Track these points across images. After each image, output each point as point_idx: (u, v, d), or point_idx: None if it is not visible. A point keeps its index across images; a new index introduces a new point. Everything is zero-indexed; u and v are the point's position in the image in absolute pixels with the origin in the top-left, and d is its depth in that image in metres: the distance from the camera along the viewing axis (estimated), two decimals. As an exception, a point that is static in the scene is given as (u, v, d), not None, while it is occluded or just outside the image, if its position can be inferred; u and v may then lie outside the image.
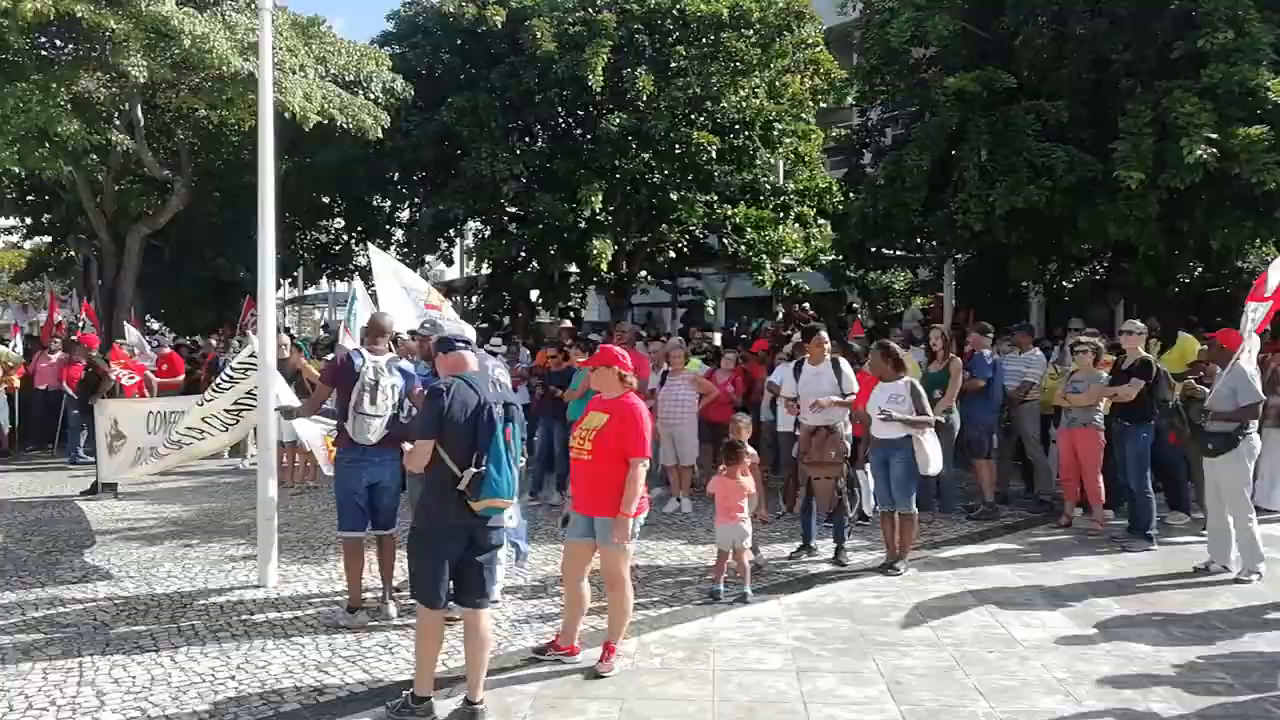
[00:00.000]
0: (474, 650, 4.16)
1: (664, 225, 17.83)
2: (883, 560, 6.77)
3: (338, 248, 23.07)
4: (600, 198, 15.95)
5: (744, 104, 16.92)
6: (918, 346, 10.64)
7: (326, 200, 21.10)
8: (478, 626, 4.16)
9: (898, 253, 16.25)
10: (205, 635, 5.34)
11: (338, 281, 25.97)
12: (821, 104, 18.93)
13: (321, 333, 23.31)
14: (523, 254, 18.81)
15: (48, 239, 21.98)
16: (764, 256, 17.00)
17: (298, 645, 5.17)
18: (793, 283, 18.38)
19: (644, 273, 20.52)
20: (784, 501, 8.63)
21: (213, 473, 11.19)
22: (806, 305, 17.52)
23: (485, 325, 19.69)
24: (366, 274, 22.13)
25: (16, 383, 12.33)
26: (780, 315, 18.25)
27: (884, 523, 6.85)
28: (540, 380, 9.84)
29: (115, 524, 8.46)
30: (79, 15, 11.45)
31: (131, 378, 10.85)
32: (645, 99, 16.33)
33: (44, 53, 13.55)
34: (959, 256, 14.89)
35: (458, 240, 23.71)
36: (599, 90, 15.97)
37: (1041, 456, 9.31)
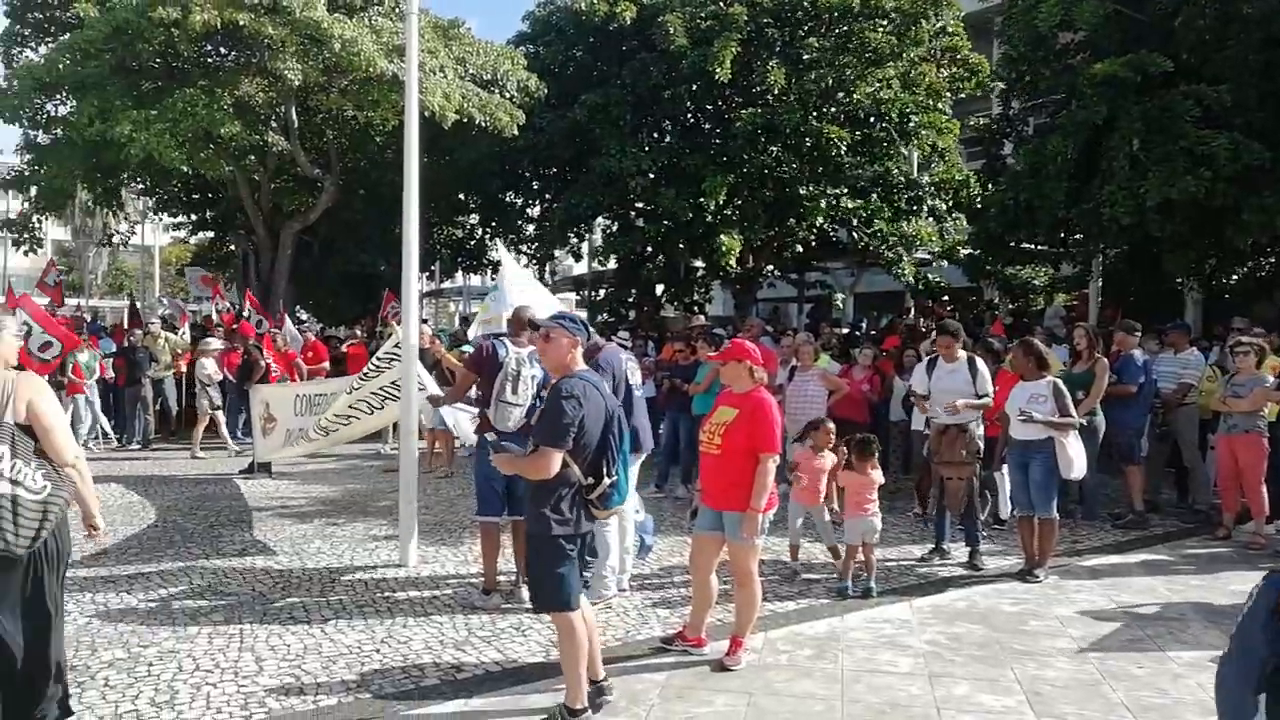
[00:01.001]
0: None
1: (791, 219, 17.62)
2: (1020, 566, 6.53)
3: (472, 243, 23.82)
4: (726, 192, 15.91)
5: (877, 95, 16.54)
6: (1060, 345, 10.19)
7: (462, 197, 21.80)
8: (585, 616, 4.14)
9: (1039, 247, 15.55)
10: (352, 609, 5.64)
11: (473, 275, 26.81)
12: (961, 94, 18.27)
13: (457, 324, 24.12)
14: (649, 249, 18.96)
15: (210, 234, 23.60)
16: (899, 250, 16.57)
17: (436, 624, 5.39)
18: (928, 277, 17.85)
19: (770, 267, 20.35)
20: (917, 502, 8.44)
21: (356, 456, 11.79)
22: (945, 300, 16.99)
23: (612, 319, 19.97)
24: (498, 267, 22.78)
25: (184, 368, 13.29)
26: (912, 311, 17.78)
27: (1022, 527, 6.59)
28: (667, 374, 9.91)
29: (269, 501, 9.02)
30: (241, 24, 12.25)
31: (275, 369, 11.53)
32: (775, 92, 16.17)
33: (209, 60, 14.56)
34: (1107, 251, 14.13)
35: (586, 235, 24.11)
36: (726, 84, 15.91)
37: (1199, 463, 8.75)
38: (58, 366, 10.43)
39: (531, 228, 23.08)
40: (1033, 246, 15.51)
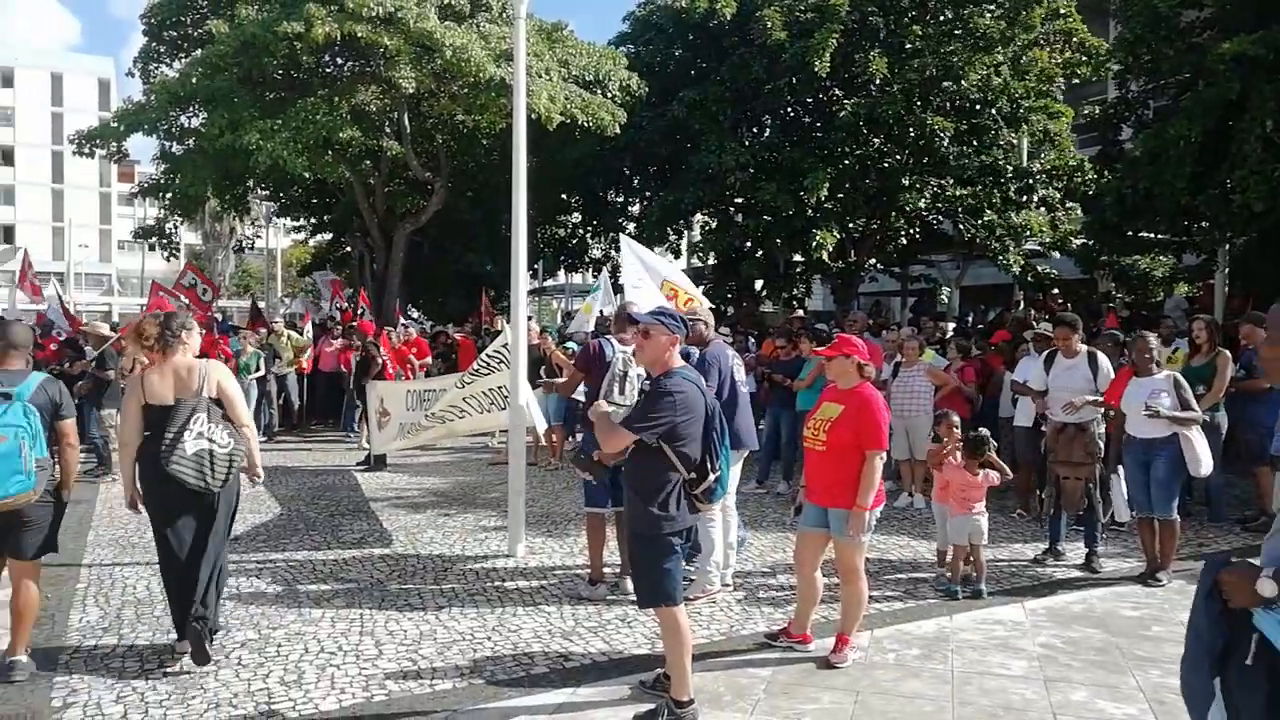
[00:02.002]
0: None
1: (894, 212, 17.30)
2: (1141, 570, 6.28)
3: (574, 241, 24.20)
4: (827, 185, 15.74)
5: (985, 82, 16.06)
6: (1181, 339, 9.71)
7: (565, 196, 22.18)
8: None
9: (1158, 235, 14.83)
10: (464, 597, 5.85)
11: (574, 273, 27.21)
12: (1075, 78, 17.56)
13: (559, 321, 24.56)
14: (748, 244, 18.91)
15: (328, 236, 24.66)
16: (1007, 241, 16.06)
17: (545, 613, 5.55)
18: (1038, 269, 17.24)
19: (872, 260, 20.02)
20: (1024, 501, 8.20)
21: (465, 449, 12.16)
22: (1056, 293, 16.38)
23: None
24: (598, 265, 23.06)
25: (305, 365, 13.95)
26: (1022, 304, 17.20)
27: (1142, 529, 6.34)
28: (768, 370, 9.89)
29: (385, 492, 9.41)
30: (359, 35, 12.80)
31: (392, 367, 11.97)
32: (877, 82, 15.90)
33: (328, 71, 15.26)
34: (1234, 239, 13.37)
35: (685, 232, 24.19)
36: (827, 76, 15.72)
37: (1341, 466, 8.22)
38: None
39: (632, 225, 23.30)
40: (1152, 235, 14.81)
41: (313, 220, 23.19)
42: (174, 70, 17.03)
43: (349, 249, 22.69)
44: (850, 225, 17.19)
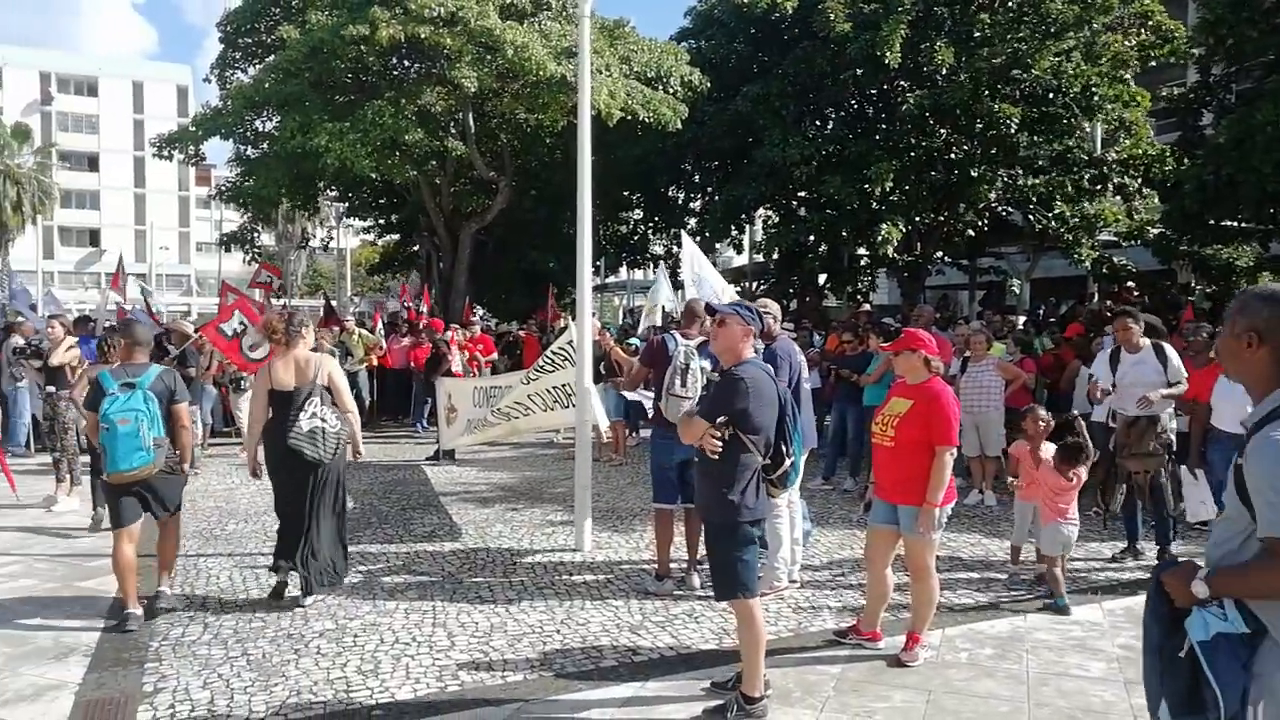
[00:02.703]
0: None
1: (961, 203, 16.95)
2: (1225, 571, 6.05)
3: (635, 238, 24.25)
4: (892, 177, 15.50)
5: (1056, 68, 15.63)
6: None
7: (626, 193, 22.24)
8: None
9: (1242, 224, 14.27)
10: (533, 591, 5.93)
11: (636, 270, 27.28)
12: (1152, 62, 16.97)
13: (621, 318, 24.67)
14: (812, 238, 18.73)
15: (395, 237, 25.15)
16: (1079, 232, 15.62)
17: (612, 607, 5.59)
18: (1113, 260, 16.72)
19: (939, 253, 19.65)
20: (1100, 499, 7.98)
21: (532, 444, 12.30)
22: (1131, 285, 15.88)
23: (773, 310, 19.76)
24: (659, 261, 23.07)
25: (375, 362, 14.26)
26: (1096, 295, 16.72)
27: (1226, 529, 6.10)
28: (834, 365, 9.80)
29: (454, 486, 9.58)
30: (423, 37, 13.03)
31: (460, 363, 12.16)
32: (944, 72, 15.60)
33: (394, 73, 15.55)
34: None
35: (747, 227, 24.06)
36: (894, 67, 15.48)
37: None
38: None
39: (694, 221, 23.25)
40: (1235, 224, 14.26)
41: (381, 221, 23.66)
42: (248, 76, 17.56)
43: (416, 248, 23.10)
44: (916, 218, 16.90)
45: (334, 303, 18.62)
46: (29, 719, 4.05)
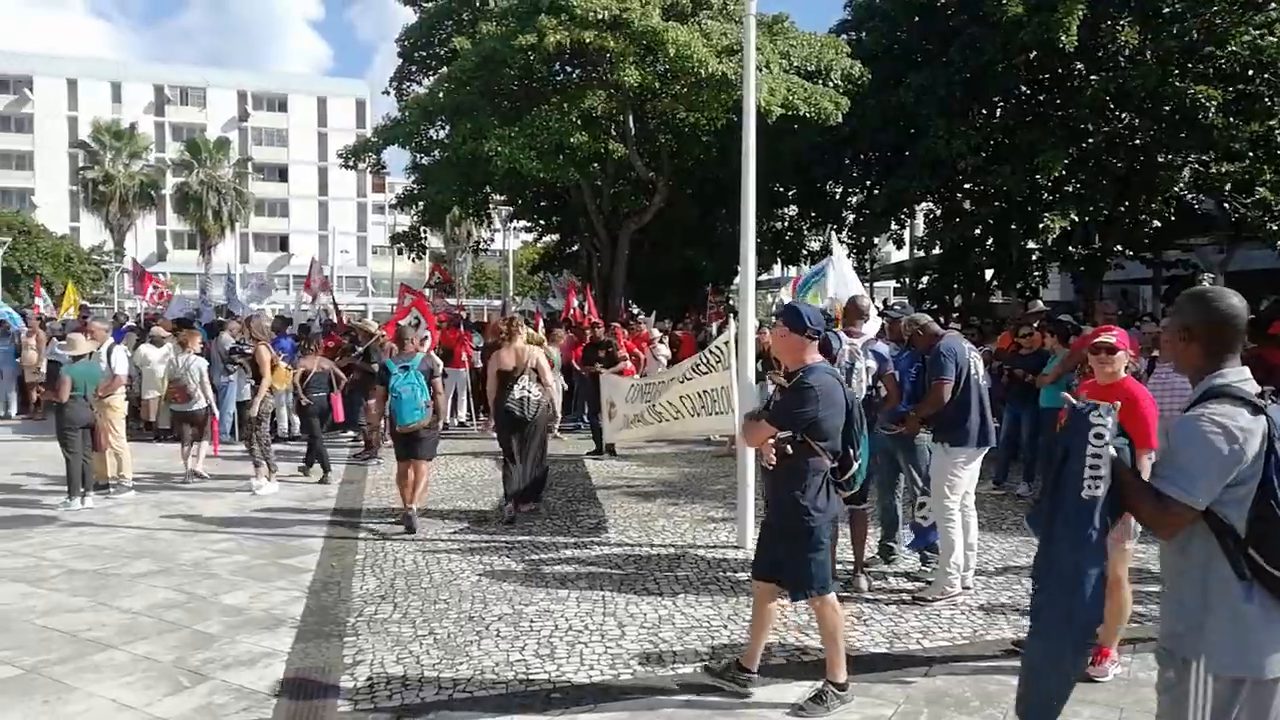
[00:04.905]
0: (764, 622, 4.38)
1: (1144, 193, 15.86)
2: None
3: (790, 234, 24.01)
4: (1067, 166, 14.69)
5: (1255, 44, 14.37)
6: None
7: (781, 189, 22.05)
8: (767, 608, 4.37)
9: None
10: (698, 585, 6.01)
11: (790, 267, 27.00)
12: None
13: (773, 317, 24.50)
14: (978, 232, 18.00)
15: (555, 237, 25.93)
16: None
17: (778, 606, 5.58)
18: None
19: (1119, 246, 18.46)
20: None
21: (690, 441, 12.39)
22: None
23: (935, 307, 19.20)
24: (817, 257, 22.75)
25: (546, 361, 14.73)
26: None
27: None
28: (1007, 365, 9.39)
29: (615, 481, 9.80)
30: (587, 41, 13.38)
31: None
32: (1127, 53, 14.64)
33: (559, 78, 16.03)
34: None
35: (908, 221, 23.37)
36: (1071, 50, 14.66)
37: None
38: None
39: (851, 216, 22.80)
40: None
41: (542, 222, 24.44)
42: (424, 87, 18.55)
43: (575, 248, 23.72)
44: (1094, 208, 15.94)
45: (497, 303, 19.31)
46: (249, 682, 4.46)
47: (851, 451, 4.12)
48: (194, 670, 4.59)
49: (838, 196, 22.79)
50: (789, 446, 4.03)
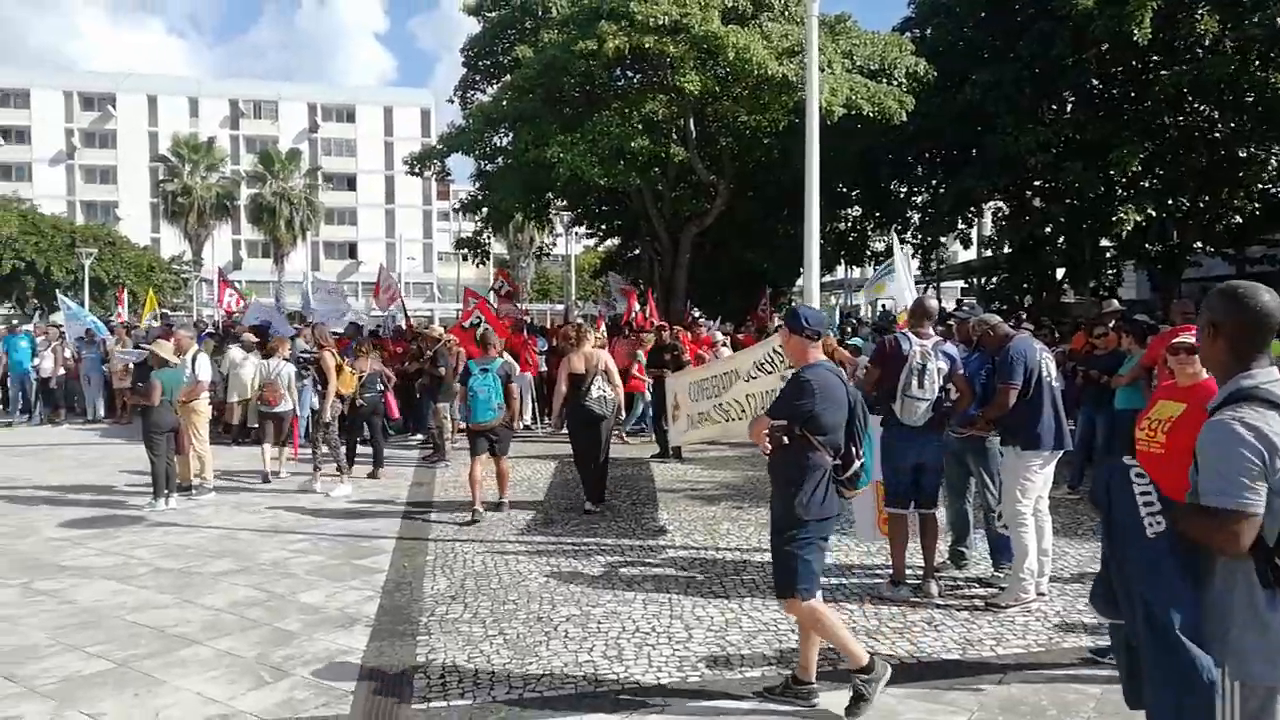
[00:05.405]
0: (809, 634, 4.28)
1: (1225, 187, 15.31)
2: None
3: (854, 235, 23.74)
4: (1142, 161, 14.26)
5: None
6: None
7: (844, 189, 21.83)
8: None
9: None
10: (764, 588, 5.98)
11: (854, 268, 26.73)
12: None
13: (837, 318, 24.24)
14: (1048, 229, 17.57)
15: (616, 241, 26.06)
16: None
17: (846, 610, 5.54)
18: None
19: (1198, 242, 17.84)
20: None
21: (752, 444, 12.34)
22: None
23: (1004, 307, 18.81)
24: (881, 258, 22.43)
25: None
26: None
27: None
28: (1081, 365, 9.16)
29: (679, 484, 9.82)
30: (647, 46, 13.43)
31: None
32: (1206, 43, 14.16)
33: (619, 84, 16.12)
34: None
35: (975, 220, 22.93)
36: (1145, 42, 14.23)
37: None
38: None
39: (916, 216, 22.46)
40: None
41: (603, 227, 24.58)
42: (487, 95, 18.83)
43: (636, 252, 23.80)
44: (1171, 203, 15.44)
45: (559, 308, 19.43)
46: (326, 680, 4.59)
47: (854, 449, 4.13)
48: (275, 666, 4.74)
49: (902, 196, 22.48)
50: (785, 437, 4.09)
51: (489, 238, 21.39)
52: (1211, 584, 2.32)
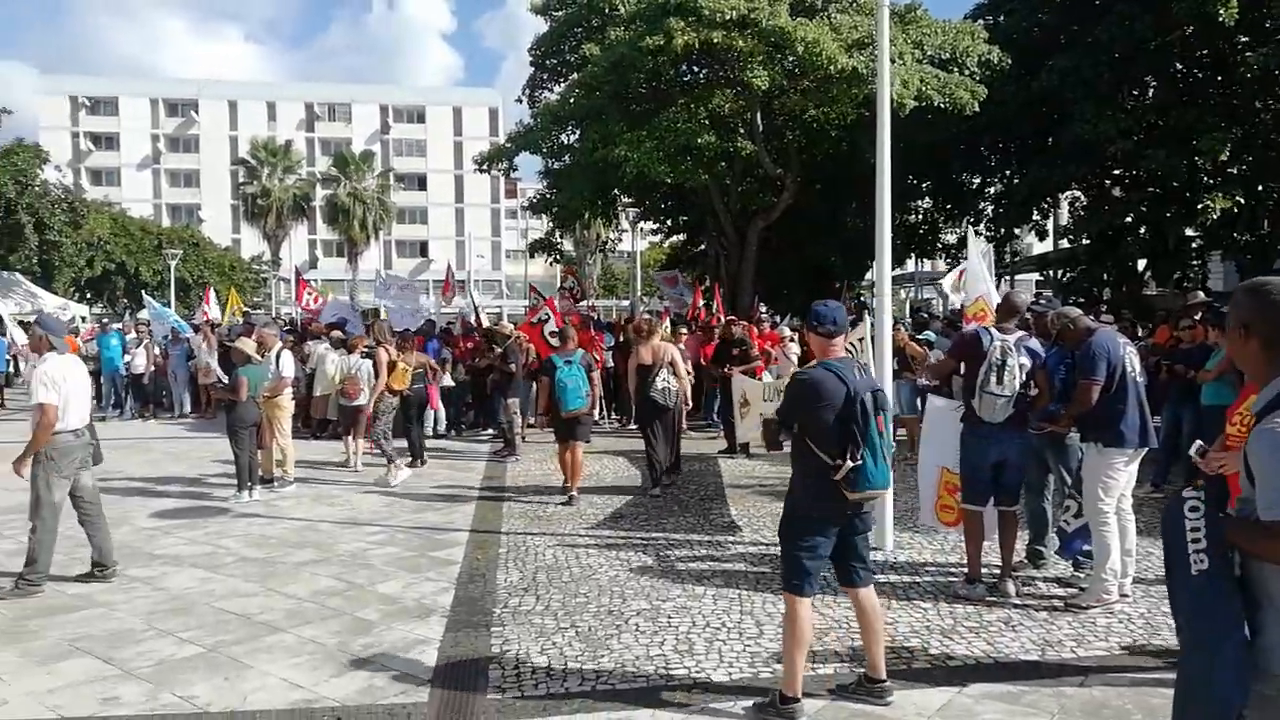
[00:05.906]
0: (868, 625, 4.20)
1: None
2: None
3: (924, 228, 23.32)
4: (1229, 147, 13.70)
5: None
6: None
7: (915, 181, 21.45)
8: (864, 602, 4.19)
9: None
10: (834, 586, 5.78)
11: (924, 261, 26.25)
12: None
13: (907, 312, 23.84)
14: (1129, 219, 17.00)
15: (682, 237, 26.03)
16: None
17: (920, 609, 5.47)
18: None
19: (1291, 232, 17.06)
20: None
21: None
22: None
23: (1081, 300, 18.24)
24: (953, 251, 21.98)
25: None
26: None
27: None
28: (1166, 360, 8.86)
29: (747, 480, 9.79)
30: (715, 41, 13.39)
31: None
32: (1301, 23, 13.54)
33: (686, 80, 16.10)
34: None
35: (1052, 211, 22.31)
36: (1232, 23, 13.66)
37: None
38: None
39: (990, 207, 21.95)
40: None
41: (669, 222, 24.58)
42: (555, 94, 18.99)
43: (703, 247, 23.74)
44: (1261, 190, 14.81)
45: (625, 303, 19.45)
46: (405, 668, 4.70)
47: (853, 450, 3.96)
48: (355, 654, 4.88)
49: (974, 187, 21.99)
50: (780, 432, 4.22)
51: (560, 237, 21.60)
52: (1271, 605, 2.20)
